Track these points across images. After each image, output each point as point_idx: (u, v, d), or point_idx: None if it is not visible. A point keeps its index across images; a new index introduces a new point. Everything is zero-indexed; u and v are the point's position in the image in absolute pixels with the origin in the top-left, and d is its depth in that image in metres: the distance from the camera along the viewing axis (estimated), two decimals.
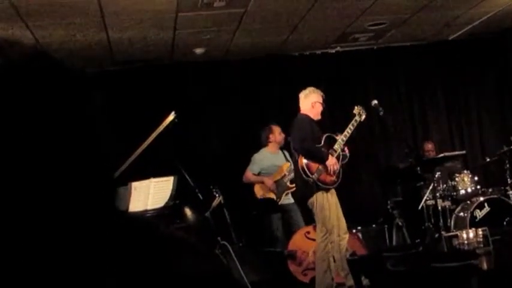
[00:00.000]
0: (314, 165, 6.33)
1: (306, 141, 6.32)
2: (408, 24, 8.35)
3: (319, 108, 6.54)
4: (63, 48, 7.53)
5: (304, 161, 6.36)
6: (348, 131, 6.59)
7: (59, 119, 0.70)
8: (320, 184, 6.30)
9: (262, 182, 7.82)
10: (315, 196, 6.29)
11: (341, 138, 6.53)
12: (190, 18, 7.02)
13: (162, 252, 0.74)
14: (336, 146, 6.51)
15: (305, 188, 6.38)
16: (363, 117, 6.72)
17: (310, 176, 6.28)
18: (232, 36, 7.99)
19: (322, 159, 6.34)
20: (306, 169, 6.32)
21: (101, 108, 0.74)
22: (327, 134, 6.54)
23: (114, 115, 8.65)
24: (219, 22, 7.29)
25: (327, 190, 6.32)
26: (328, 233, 6.31)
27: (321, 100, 6.56)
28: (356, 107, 6.76)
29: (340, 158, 6.52)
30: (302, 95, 6.65)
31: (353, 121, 6.64)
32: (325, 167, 6.33)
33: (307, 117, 6.50)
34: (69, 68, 0.74)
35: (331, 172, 6.34)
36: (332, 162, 6.35)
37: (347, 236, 6.41)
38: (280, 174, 7.82)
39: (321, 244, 6.40)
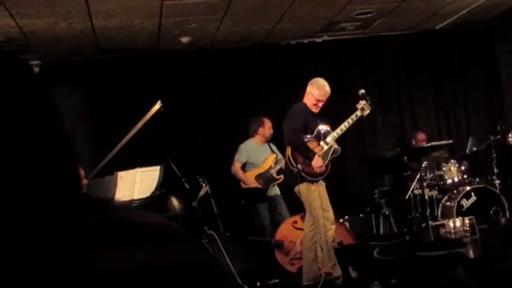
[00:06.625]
0: (300, 157, 6.29)
1: (295, 133, 6.22)
2: (395, 14, 8.34)
3: (311, 99, 6.38)
4: (47, 36, 7.45)
5: (290, 151, 6.32)
6: (346, 125, 6.44)
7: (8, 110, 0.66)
8: (305, 175, 6.25)
9: (246, 183, 7.77)
10: (298, 187, 6.27)
11: (336, 132, 6.40)
12: (176, 6, 6.95)
13: (145, 239, 0.72)
14: (328, 139, 6.39)
15: (290, 177, 6.36)
16: (366, 112, 6.50)
17: (295, 166, 6.25)
18: (219, 25, 7.94)
19: (308, 158, 6.25)
20: (291, 159, 6.29)
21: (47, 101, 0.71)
22: (320, 126, 6.43)
23: (99, 104, 8.60)
24: (205, 11, 7.24)
25: (313, 182, 6.27)
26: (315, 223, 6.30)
27: (316, 94, 6.37)
28: (361, 101, 6.54)
29: (332, 150, 6.42)
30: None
31: (353, 115, 6.46)
32: (310, 164, 6.25)
33: (302, 105, 6.38)
34: (18, 60, 0.71)
35: (316, 172, 6.25)
36: (317, 164, 6.24)
37: (333, 226, 6.39)
38: (265, 166, 7.81)
39: (309, 234, 6.39)
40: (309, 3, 7.41)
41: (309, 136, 6.36)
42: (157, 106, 5.83)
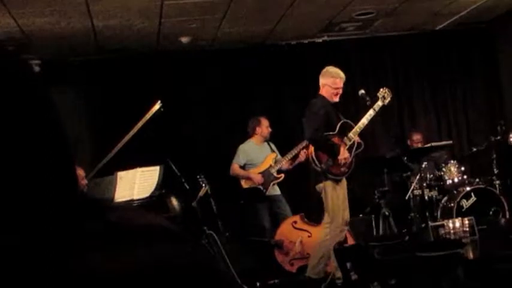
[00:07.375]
0: (324, 156, 6.08)
1: (315, 133, 6.00)
2: (395, 14, 8.33)
3: (329, 90, 6.09)
4: (47, 36, 7.44)
5: (313, 150, 6.11)
6: (368, 117, 6.26)
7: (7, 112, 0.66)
8: (329, 175, 6.11)
9: (249, 178, 7.73)
10: (323, 184, 6.12)
11: (358, 126, 6.22)
12: (176, 6, 6.95)
13: (143, 240, 0.71)
14: (350, 134, 6.23)
15: (314, 175, 6.23)
16: (387, 101, 6.32)
17: (319, 165, 6.13)
18: (219, 25, 7.94)
19: (333, 153, 6.04)
20: (315, 159, 6.09)
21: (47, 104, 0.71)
22: (343, 121, 6.24)
23: (99, 104, 8.60)
24: (205, 11, 7.24)
25: (337, 181, 6.12)
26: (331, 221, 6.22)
27: (331, 82, 6.08)
28: (381, 89, 6.36)
29: (355, 146, 6.26)
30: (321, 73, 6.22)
31: (375, 106, 6.25)
32: (336, 160, 6.08)
33: (320, 100, 6.12)
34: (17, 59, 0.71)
35: (342, 165, 6.09)
36: (344, 155, 6.06)
37: (347, 227, 6.35)
38: (265, 165, 7.79)
39: (324, 230, 6.28)
40: (309, 4, 7.41)
41: (331, 133, 6.14)
42: (157, 106, 5.84)
